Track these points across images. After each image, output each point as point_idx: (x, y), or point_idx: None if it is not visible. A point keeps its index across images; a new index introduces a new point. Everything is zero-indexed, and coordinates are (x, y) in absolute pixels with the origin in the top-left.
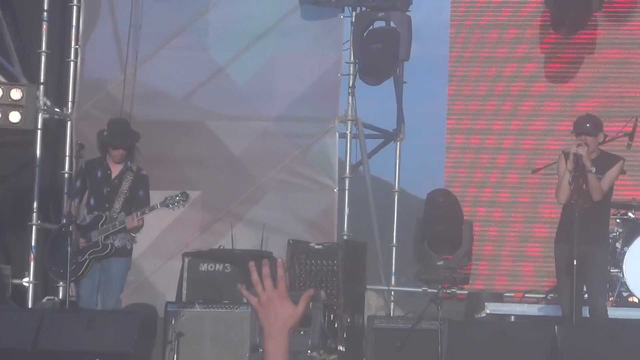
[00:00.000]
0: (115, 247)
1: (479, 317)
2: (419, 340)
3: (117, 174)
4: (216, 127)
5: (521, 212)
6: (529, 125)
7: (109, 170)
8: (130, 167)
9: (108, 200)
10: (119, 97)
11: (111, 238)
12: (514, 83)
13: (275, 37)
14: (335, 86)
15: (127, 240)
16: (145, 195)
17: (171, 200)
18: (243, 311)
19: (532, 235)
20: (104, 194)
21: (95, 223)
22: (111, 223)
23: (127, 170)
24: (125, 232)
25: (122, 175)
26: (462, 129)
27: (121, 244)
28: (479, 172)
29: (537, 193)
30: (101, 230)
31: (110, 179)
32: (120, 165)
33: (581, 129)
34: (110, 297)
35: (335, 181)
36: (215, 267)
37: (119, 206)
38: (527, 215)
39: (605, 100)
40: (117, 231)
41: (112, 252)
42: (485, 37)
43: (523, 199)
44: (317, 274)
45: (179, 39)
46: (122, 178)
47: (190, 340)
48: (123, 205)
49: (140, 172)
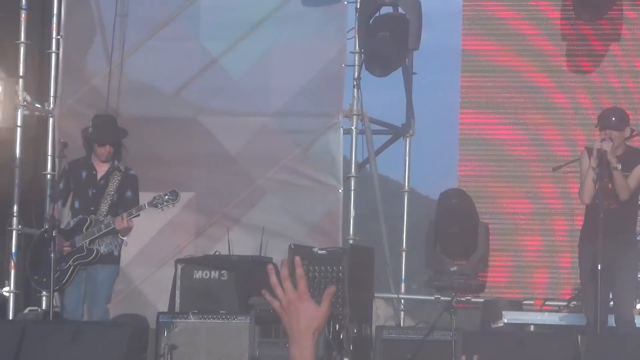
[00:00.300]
0: (102, 253)
1: (495, 327)
2: (431, 352)
3: (104, 175)
4: (210, 124)
5: (541, 212)
6: (550, 119)
7: (94, 171)
8: (117, 166)
9: (94, 202)
10: (105, 92)
11: (97, 243)
12: (531, 75)
13: (274, 26)
14: (339, 78)
15: (114, 246)
16: (134, 196)
17: (160, 200)
18: (240, 322)
19: (554, 240)
20: (89, 196)
21: (80, 227)
22: (96, 227)
23: (114, 170)
24: (113, 237)
25: (108, 176)
26: (477, 124)
27: (107, 250)
28: (495, 169)
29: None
30: (86, 234)
31: (95, 180)
32: (106, 165)
33: (606, 123)
34: (96, 307)
35: (340, 181)
36: (211, 274)
37: (105, 209)
38: (547, 215)
39: (631, 93)
40: (102, 235)
41: (97, 258)
42: (500, 26)
43: (544, 199)
44: (320, 281)
45: (169, 28)
46: (109, 179)
47: (183, 354)
48: (110, 208)
49: (129, 171)
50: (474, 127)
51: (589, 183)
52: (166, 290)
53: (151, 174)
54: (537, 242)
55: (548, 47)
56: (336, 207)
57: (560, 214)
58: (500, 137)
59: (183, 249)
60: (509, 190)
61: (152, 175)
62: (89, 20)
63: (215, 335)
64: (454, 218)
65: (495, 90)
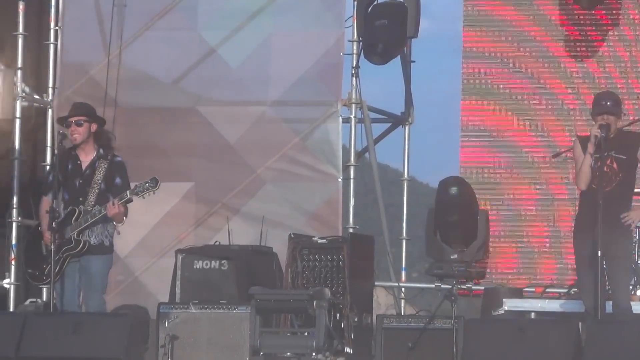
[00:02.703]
0: (91, 244)
1: (496, 315)
2: (432, 340)
3: (88, 164)
4: (209, 113)
5: (542, 199)
6: (552, 105)
7: (78, 161)
8: (102, 154)
9: (81, 193)
10: (103, 82)
11: (86, 234)
12: (533, 61)
13: (272, 15)
14: (337, 67)
15: (104, 236)
16: (124, 182)
17: (140, 188)
18: (241, 312)
19: (554, 227)
20: (76, 187)
21: (69, 218)
22: (84, 217)
23: (100, 158)
24: (102, 226)
25: (94, 165)
26: (478, 111)
27: (98, 241)
28: (497, 157)
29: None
30: (74, 225)
31: (81, 170)
32: (91, 155)
33: (602, 108)
34: (92, 297)
35: (339, 170)
36: (211, 264)
37: (93, 198)
38: (547, 203)
39: (629, 78)
40: (91, 225)
41: (85, 249)
42: (500, 13)
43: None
44: (321, 270)
45: (167, 18)
46: (95, 167)
47: (184, 344)
48: (98, 197)
49: (115, 158)
50: (476, 114)
51: (586, 169)
52: (167, 280)
53: (150, 164)
54: (541, 229)
55: (547, 36)
56: (336, 195)
57: (564, 200)
58: (501, 125)
59: (183, 239)
60: (511, 177)
61: (151, 165)
62: (87, 11)
63: (216, 325)
64: (453, 206)
65: (499, 77)
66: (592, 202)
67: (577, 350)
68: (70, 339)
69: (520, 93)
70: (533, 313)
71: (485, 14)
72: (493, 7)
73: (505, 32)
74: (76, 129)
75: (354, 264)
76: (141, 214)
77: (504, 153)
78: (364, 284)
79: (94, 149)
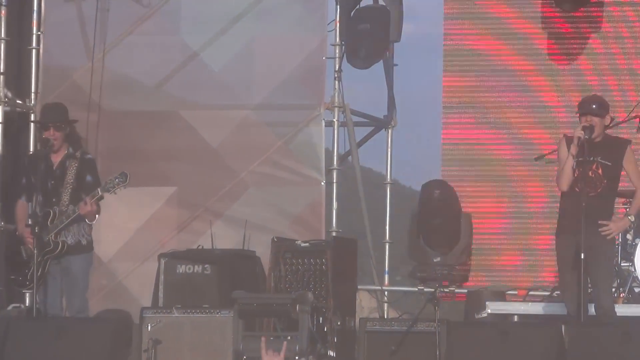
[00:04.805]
0: (69, 244)
1: (479, 318)
2: (415, 343)
3: (58, 164)
4: (191, 117)
5: (524, 202)
6: (536, 101)
7: (49, 162)
8: (72, 153)
9: (54, 193)
10: (86, 87)
11: (63, 235)
12: (515, 59)
13: (254, 19)
14: (320, 71)
15: (80, 235)
16: (95, 180)
17: (110, 184)
18: (224, 316)
19: (537, 229)
20: (48, 188)
21: (44, 221)
22: (60, 218)
23: (69, 157)
24: (78, 225)
25: (64, 164)
26: (459, 112)
27: (74, 240)
28: (478, 161)
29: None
30: (51, 227)
31: (52, 171)
32: (60, 154)
33: (586, 109)
34: (75, 297)
35: (322, 173)
36: (194, 268)
37: (67, 198)
38: (529, 206)
39: (614, 76)
40: (67, 225)
41: (64, 249)
42: (483, 15)
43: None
44: (304, 274)
45: (149, 22)
46: (65, 167)
47: (168, 348)
48: (72, 196)
49: (85, 156)
50: (456, 113)
51: (568, 170)
52: (150, 285)
53: (133, 168)
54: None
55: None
56: (319, 199)
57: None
58: (482, 135)
59: (166, 244)
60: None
61: (134, 169)
62: (69, 15)
63: (199, 329)
64: (436, 209)
65: (479, 77)
66: (574, 205)
67: (560, 352)
68: (54, 344)
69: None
70: (516, 316)
71: (468, 15)
72: (475, 8)
73: (489, 32)
74: (55, 133)
75: (337, 268)
76: (124, 218)
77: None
78: (347, 288)
79: (64, 148)
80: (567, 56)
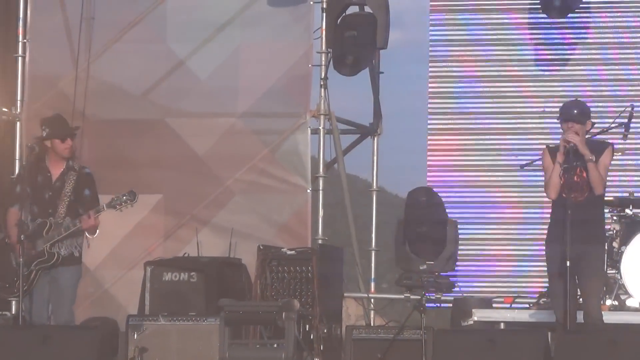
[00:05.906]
0: (62, 255)
1: (465, 325)
2: (401, 351)
3: (59, 176)
4: (177, 125)
5: (510, 209)
6: (517, 108)
7: (48, 173)
8: (72, 166)
9: (51, 205)
10: (71, 95)
11: (57, 246)
12: (501, 66)
13: (240, 27)
14: (306, 78)
15: (73, 247)
16: (93, 194)
17: (117, 201)
18: (211, 324)
19: (523, 236)
20: (45, 199)
21: (40, 231)
22: (56, 230)
23: (69, 170)
24: (72, 238)
25: (63, 177)
26: (445, 119)
27: (67, 252)
28: (464, 168)
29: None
30: (47, 238)
31: (51, 182)
32: (61, 167)
33: (568, 115)
34: (61, 308)
35: (308, 181)
36: (180, 276)
37: (63, 210)
38: (515, 213)
39: (598, 83)
40: (63, 238)
41: (58, 261)
42: (469, 22)
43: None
44: (290, 281)
45: (135, 30)
46: (65, 179)
47: (154, 356)
48: (68, 209)
49: (84, 170)
50: (442, 117)
51: (555, 178)
52: (137, 292)
53: (119, 176)
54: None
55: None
56: (305, 207)
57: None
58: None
59: (152, 252)
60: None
61: (119, 177)
62: (55, 23)
63: (185, 337)
64: (422, 216)
65: (465, 82)
66: (563, 211)
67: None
68: (40, 352)
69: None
70: (502, 323)
71: (453, 23)
72: (461, 16)
73: (475, 38)
74: (71, 143)
75: (323, 275)
76: (111, 226)
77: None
78: (333, 295)
79: (63, 161)
80: (553, 63)
